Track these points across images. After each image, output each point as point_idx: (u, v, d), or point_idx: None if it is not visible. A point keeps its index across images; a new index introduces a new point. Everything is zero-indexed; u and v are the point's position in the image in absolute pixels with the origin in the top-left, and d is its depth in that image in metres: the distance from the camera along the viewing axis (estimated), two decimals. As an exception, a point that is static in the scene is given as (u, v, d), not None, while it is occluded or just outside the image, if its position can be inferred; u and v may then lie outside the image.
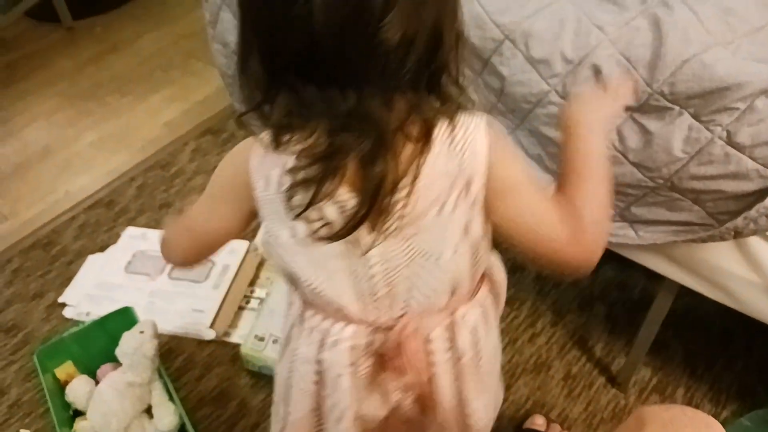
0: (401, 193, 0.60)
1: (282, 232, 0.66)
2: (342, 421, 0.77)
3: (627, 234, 0.98)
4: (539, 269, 1.05)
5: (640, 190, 0.91)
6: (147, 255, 1.57)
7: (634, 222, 0.96)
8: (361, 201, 0.59)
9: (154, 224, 1.66)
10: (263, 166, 0.64)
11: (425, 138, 0.59)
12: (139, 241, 1.61)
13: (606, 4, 0.88)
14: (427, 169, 0.60)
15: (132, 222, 1.68)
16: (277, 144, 0.59)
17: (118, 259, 1.56)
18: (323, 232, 0.62)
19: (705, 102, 0.79)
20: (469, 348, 0.75)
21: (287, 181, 0.60)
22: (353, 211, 0.60)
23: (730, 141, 0.79)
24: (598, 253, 0.66)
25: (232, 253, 1.55)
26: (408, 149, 0.60)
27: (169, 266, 1.53)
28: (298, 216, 0.61)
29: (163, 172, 1.82)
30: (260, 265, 1.53)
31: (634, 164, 0.88)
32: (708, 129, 0.80)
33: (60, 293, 1.50)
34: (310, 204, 0.59)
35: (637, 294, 1.40)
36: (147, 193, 1.76)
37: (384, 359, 0.73)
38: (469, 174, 0.62)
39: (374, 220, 0.61)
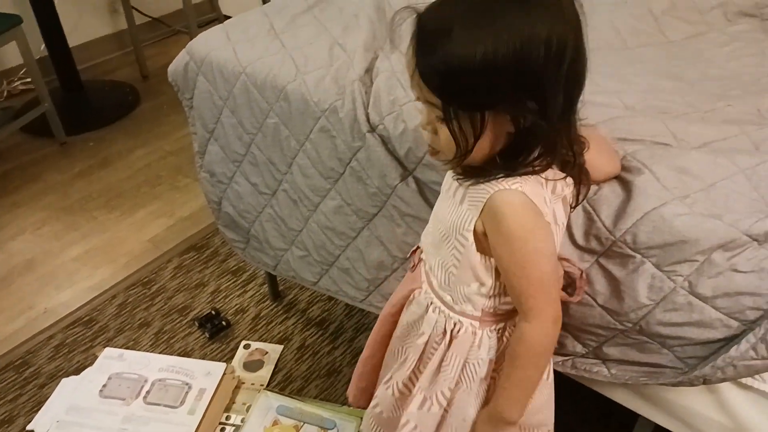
0: None
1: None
2: None
3: (600, 371, 0.99)
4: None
5: (610, 332, 0.93)
6: (123, 377, 1.54)
7: (606, 360, 0.98)
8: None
9: (133, 344, 1.65)
10: (536, 194, 0.74)
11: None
12: (115, 362, 1.59)
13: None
14: None
15: (110, 342, 1.66)
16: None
17: (92, 382, 1.53)
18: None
19: (665, 253, 0.83)
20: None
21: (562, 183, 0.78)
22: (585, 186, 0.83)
23: (693, 291, 0.83)
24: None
25: (208, 376, 1.53)
26: None
27: (144, 390, 1.50)
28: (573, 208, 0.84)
29: (145, 289, 1.82)
30: (236, 388, 1.51)
31: (603, 307, 0.91)
32: (670, 279, 0.84)
33: (30, 419, 1.46)
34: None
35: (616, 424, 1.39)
36: (127, 312, 1.75)
37: None
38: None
39: None
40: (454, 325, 0.88)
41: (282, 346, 1.61)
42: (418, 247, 0.99)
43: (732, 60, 1.16)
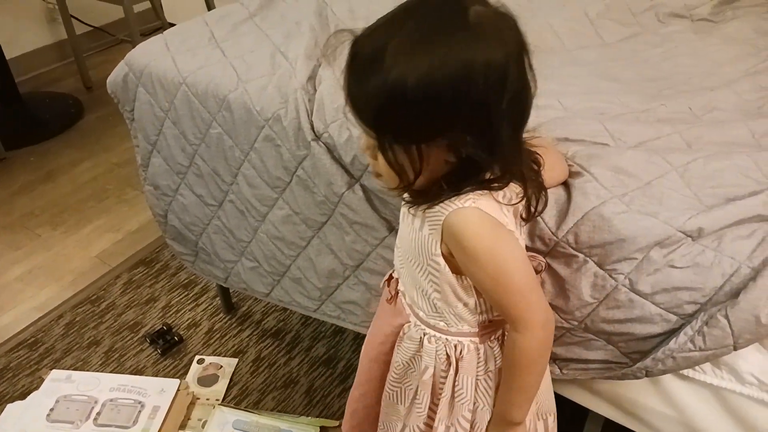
0: None
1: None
2: None
3: (551, 370, 1.00)
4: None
5: (557, 331, 0.94)
6: (71, 400, 1.49)
7: (555, 359, 0.99)
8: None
9: (82, 365, 1.60)
10: (492, 208, 0.73)
11: None
12: (63, 384, 1.54)
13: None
14: None
15: (57, 363, 1.61)
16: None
17: (39, 407, 1.48)
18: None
19: (606, 252, 0.85)
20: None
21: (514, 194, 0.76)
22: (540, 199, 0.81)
23: (633, 288, 0.85)
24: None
25: (162, 393, 1.49)
26: None
27: (95, 412, 1.46)
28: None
29: (93, 307, 1.77)
30: (191, 404, 1.48)
31: (550, 306, 0.93)
32: (612, 277, 0.86)
33: (-28, 449, 1.40)
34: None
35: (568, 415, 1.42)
36: (75, 331, 1.70)
37: None
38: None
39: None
40: (455, 347, 0.85)
41: (237, 359, 1.58)
42: (391, 276, 0.96)
43: (665, 60, 1.20)
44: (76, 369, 1.59)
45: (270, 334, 1.65)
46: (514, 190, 0.77)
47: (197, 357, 1.60)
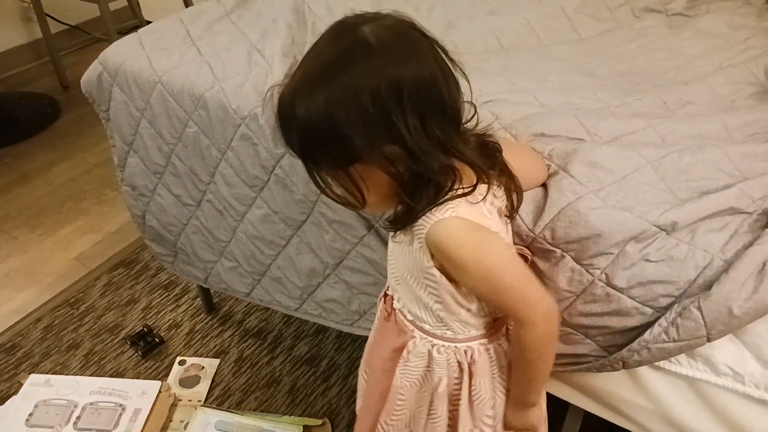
0: None
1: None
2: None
3: (531, 366, 1.01)
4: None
5: (536, 326, 0.95)
6: (51, 404, 1.48)
7: (535, 354, 1.00)
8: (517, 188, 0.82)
9: (61, 368, 1.58)
10: (472, 212, 0.74)
11: None
12: (42, 388, 1.52)
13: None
14: None
15: (36, 368, 1.58)
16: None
17: (18, 412, 1.46)
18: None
19: (582, 247, 0.86)
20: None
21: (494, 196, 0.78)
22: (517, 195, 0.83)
23: (609, 282, 0.86)
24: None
25: (143, 396, 1.48)
26: None
27: (75, 416, 1.44)
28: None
29: (73, 310, 1.75)
30: (173, 406, 1.47)
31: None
32: (588, 272, 0.86)
33: (-51, 456, 1.38)
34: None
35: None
36: (54, 335, 1.68)
37: None
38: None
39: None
40: (465, 353, 0.86)
41: (219, 360, 1.57)
42: (386, 294, 0.95)
43: (640, 55, 1.21)
44: (55, 373, 1.57)
45: (252, 334, 1.64)
46: (492, 191, 0.77)
47: (178, 358, 1.59)
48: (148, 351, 1.61)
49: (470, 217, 0.74)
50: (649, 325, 0.86)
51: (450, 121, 0.71)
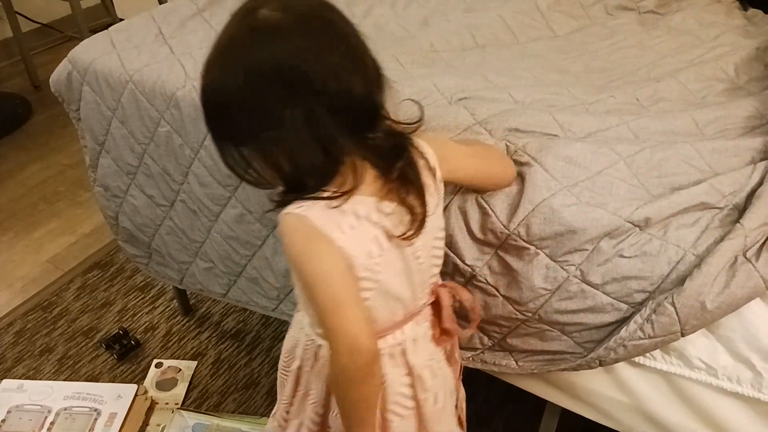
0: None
1: (368, 258, 0.73)
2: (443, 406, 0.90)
3: (509, 364, 1.01)
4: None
5: (512, 322, 0.95)
6: (24, 410, 1.45)
7: (512, 351, 1.00)
8: (421, 204, 0.75)
9: (34, 373, 1.55)
10: (326, 219, 0.70)
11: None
12: (14, 394, 1.49)
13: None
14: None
15: (8, 373, 1.55)
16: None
17: (-11, 419, 1.43)
18: (402, 231, 0.74)
19: (557, 243, 0.86)
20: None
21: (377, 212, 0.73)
22: (417, 212, 0.74)
23: (584, 279, 0.86)
24: None
25: (119, 399, 1.46)
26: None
27: (48, 422, 1.42)
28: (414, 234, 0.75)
29: (46, 313, 1.72)
30: (150, 409, 1.45)
31: (505, 298, 0.93)
32: (563, 268, 0.87)
33: None
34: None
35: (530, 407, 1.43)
36: (26, 339, 1.64)
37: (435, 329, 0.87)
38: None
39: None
40: (319, 347, 0.84)
41: (196, 362, 1.56)
42: None
43: (613, 52, 1.22)
44: (28, 378, 1.54)
45: (230, 336, 1.63)
46: (377, 206, 0.73)
47: (155, 361, 1.56)
48: (124, 354, 1.58)
49: (316, 221, 0.70)
50: (624, 320, 0.87)
51: (344, 117, 0.66)
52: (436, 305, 0.87)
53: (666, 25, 1.31)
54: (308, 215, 0.70)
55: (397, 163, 0.73)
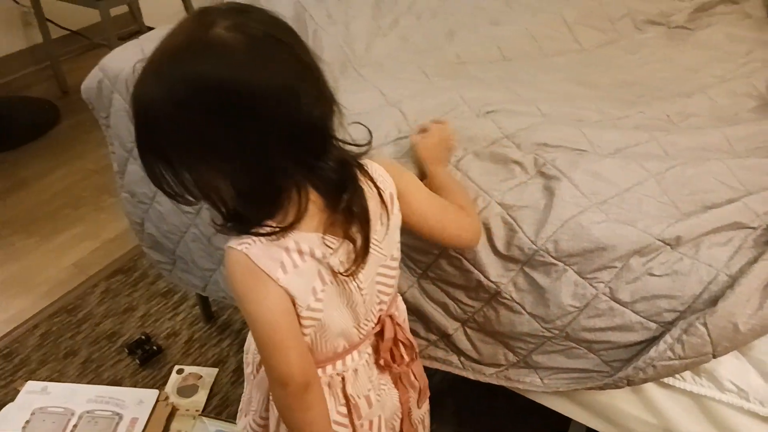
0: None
1: (310, 295, 0.72)
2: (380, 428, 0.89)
3: (533, 381, 1.00)
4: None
5: (538, 339, 0.94)
6: (47, 412, 1.46)
7: (537, 368, 0.99)
8: (364, 237, 0.73)
9: (58, 376, 1.57)
10: (268, 257, 0.69)
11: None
12: (39, 396, 1.50)
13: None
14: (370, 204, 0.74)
15: (32, 375, 1.57)
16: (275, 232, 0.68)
17: (14, 420, 1.45)
18: (346, 267, 0.73)
19: (586, 260, 0.85)
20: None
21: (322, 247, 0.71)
22: (360, 245, 0.73)
23: (613, 297, 0.85)
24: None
25: (140, 405, 1.47)
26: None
27: (72, 424, 1.43)
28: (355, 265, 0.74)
29: (70, 317, 1.74)
30: (171, 415, 1.46)
31: (531, 315, 0.93)
32: (592, 285, 0.86)
33: (-56, 466, 1.36)
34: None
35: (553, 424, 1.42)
36: (51, 342, 1.66)
37: (378, 355, 0.86)
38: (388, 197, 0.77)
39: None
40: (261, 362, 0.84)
41: (217, 369, 1.56)
42: None
43: (641, 67, 1.21)
44: (52, 380, 1.55)
45: (250, 343, 1.63)
46: (324, 241, 0.72)
47: (176, 367, 1.57)
48: (146, 359, 1.59)
49: (258, 261, 0.68)
50: (653, 340, 0.86)
51: (291, 144, 0.63)
52: (381, 334, 0.86)
53: (695, 40, 1.30)
54: (250, 254, 0.68)
55: (344, 195, 0.70)
